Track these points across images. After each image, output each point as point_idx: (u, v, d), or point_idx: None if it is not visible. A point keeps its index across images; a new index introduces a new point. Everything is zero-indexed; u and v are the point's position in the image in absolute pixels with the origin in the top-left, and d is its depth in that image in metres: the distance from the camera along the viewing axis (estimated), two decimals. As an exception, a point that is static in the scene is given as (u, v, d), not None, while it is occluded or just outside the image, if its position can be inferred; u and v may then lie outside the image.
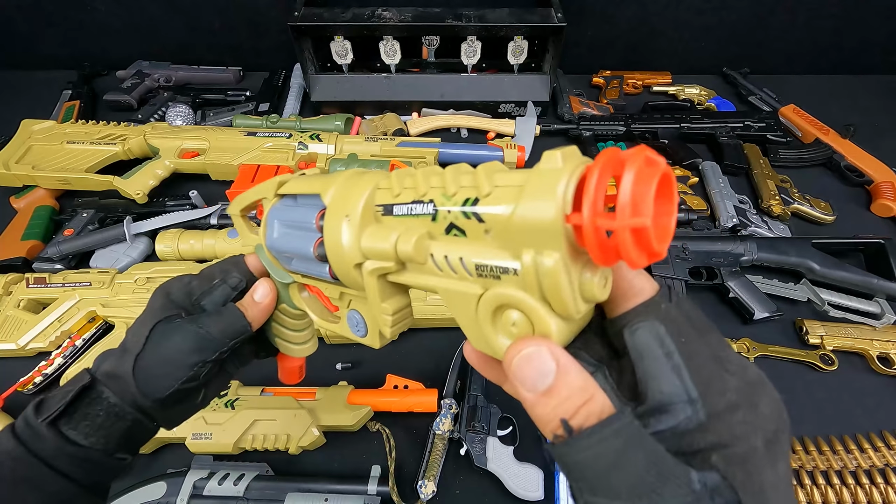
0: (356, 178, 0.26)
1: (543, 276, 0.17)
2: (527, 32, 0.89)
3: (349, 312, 0.30)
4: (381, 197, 0.24)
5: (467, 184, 0.20)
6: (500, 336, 0.20)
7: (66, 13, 1.01)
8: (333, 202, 0.26)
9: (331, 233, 0.25)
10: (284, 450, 0.53)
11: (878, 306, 0.67)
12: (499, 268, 0.19)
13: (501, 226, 0.18)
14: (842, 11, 1.02)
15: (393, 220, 0.23)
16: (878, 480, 0.54)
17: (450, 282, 0.21)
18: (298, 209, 0.29)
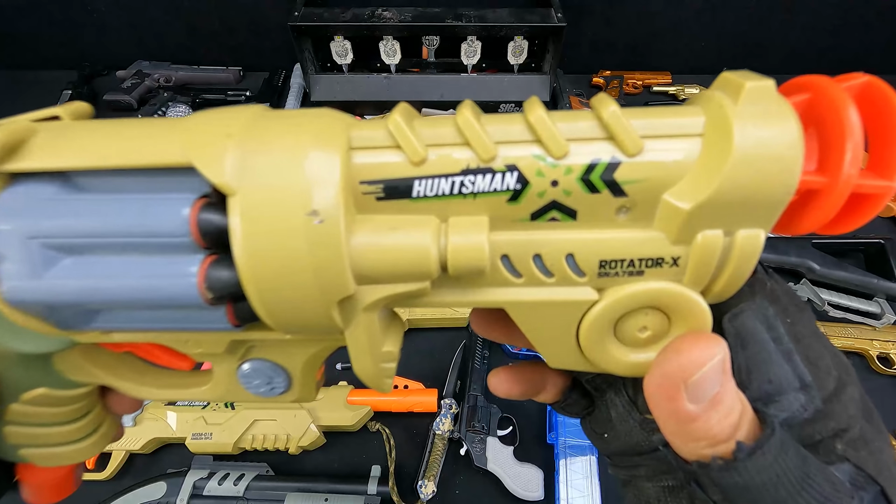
0: (283, 122, 0.14)
1: (735, 259, 0.12)
2: (527, 32, 0.89)
3: (246, 366, 0.18)
4: (369, 167, 0.13)
5: (578, 136, 0.13)
6: (620, 347, 0.15)
7: (66, 13, 1.01)
8: (256, 181, 0.13)
9: (264, 250, 0.13)
10: (284, 450, 0.53)
11: (878, 306, 0.67)
12: (647, 260, 0.13)
13: (656, 193, 0.12)
14: (842, 11, 1.02)
15: (417, 206, 0.13)
16: (878, 480, 0.54)
17: (532, 292, 0.14)
18: (107, 204, 0.14)
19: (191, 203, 0.13)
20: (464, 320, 0.64)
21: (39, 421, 0.20)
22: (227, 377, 0.18)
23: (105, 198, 0.14)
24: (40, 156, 0.14)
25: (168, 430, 0.53)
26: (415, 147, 0.13)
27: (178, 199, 0.13)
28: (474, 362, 0.60)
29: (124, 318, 0.16)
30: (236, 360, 0.18)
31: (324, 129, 0.13)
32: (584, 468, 0.51)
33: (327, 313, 0.14)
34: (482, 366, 0.60)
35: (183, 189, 0.14)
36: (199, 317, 0.15)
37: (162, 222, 0.13)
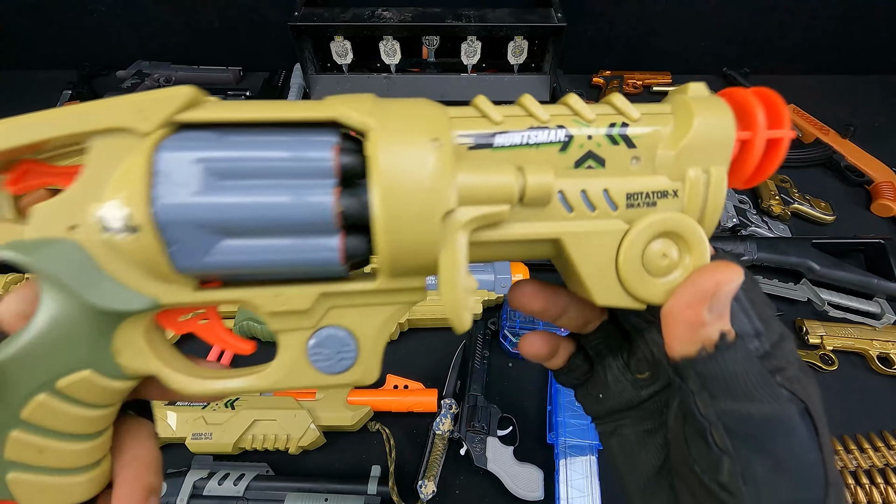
0: (405, 101, 0.19)
1: (713, 188, 0.18)
2: (527, 32, 0.89)
3: (322, 332, 0.19)
4: (464, 122, 0.18)
5: (598, 112, 0.19)
6: (649, 276, 0.19)
7: (66, 13, 1.01)
8: (389, 124, 0.17)
9: (396, 166, 0.16)
10: (284, 450, 0.53)
11: (878, 306, 0.67)
12: (657, 192, 0.18)
13: (653, 148, 0.18)
14: (842, 11, 1.02)
15: (496, 154, 0.18)
16: (879, 480, 0.54)
17: (582, 223, 0.18)
18: (262, 140, 0.17)
19: (333, 142, 0.17)
20: (464, 320, 0.64)
21: (56, 426, 0.18)
22: (294, 352, 0.19)
23: (260, 137, 0.17)
24: (208, 112, 0.17)
25: (168, 430, 0.53)
26: (495, 114, 0.18)
27: (321, 139, 0.17)
28: (474, 362, 0.60)
29: (245, 250, 0.17)
30: (310, 330, 0.19)
31: (430, 101, 0.19)
32: (584, 468, 0.51)
33: (433, 228, 0.17)
34: (482, 366, 0.60)
35: (323, 135, 0.17)
36: (314, 246, 0.17)
37: (309, 150, 0.17)
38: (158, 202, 0.16)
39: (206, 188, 0.16)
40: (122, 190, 0.16)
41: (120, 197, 0.16)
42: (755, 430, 0.18)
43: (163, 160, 0.16)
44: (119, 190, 0.16)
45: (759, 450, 0.18)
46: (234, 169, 0.16)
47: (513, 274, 0.65)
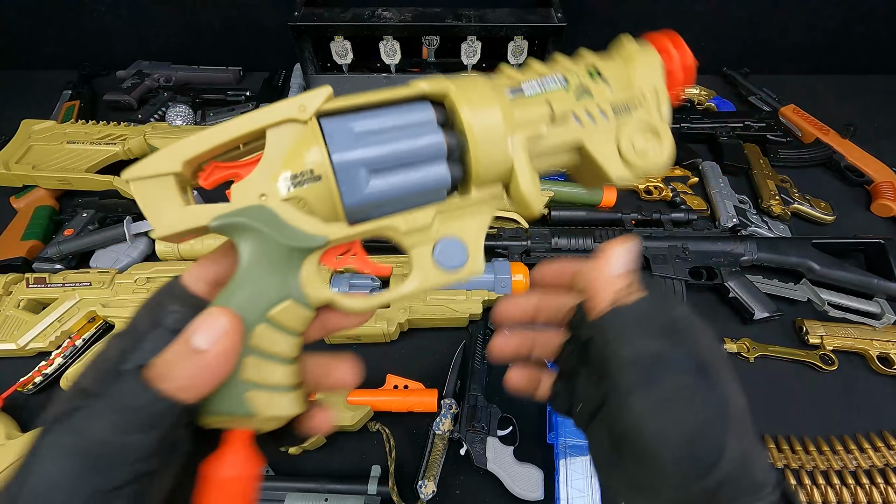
0: (461, 76, 0.26)
1: (658, 90, 0.27)
2: (527, 32, 0.89)
3: (439, 245, 0.26)
4: (503, 84, 0.27)
5: (577, 62, 0.28)
6: (638, 154, 0.28)
7: (66, 13, 1.01)
8: (461, 92, 0.24)
9: (478, 116, 0.24)
10: (284, 450, 0.53)
11: (878, 306, 0.67)
12: (628, 105, 0.27)
13: (618, 79, 0.27)
14: (842, 11, 1.02)
15: (528, 98, 0.26)
16: (878, 480, 0.54)
17: (592, 129, 0.27)
18: (390, 114, 0.24)
19: (428, 105, 0.25)
20: (464, 320, 0.64)
21: (270, 351, 0.24)
22: (425, 259, 0.26)
23: (379, 112, 0.24)
24: (338, 103, 0.24)
25: (168, 430, 0.53)
26: (519, 76, 0.26)
27: (420, 105, 0.25)
28: (474, 362, 0.60)
29: (388, 182, 0.24)
30: (432, 242, 0.26)
31: (477, 73, 0.28)
32: (584, 468, 0.51)
33: (504, 145, 0.24)
34: (482, 366, 0.60)
35: (419, 104, 0.25)
36: (432, 172, 0.24)
37: (416, 112, 0.24)
38: (334, 155, 0.22)
39: (359, 144, 0.23)
40: (298, 158, 0.23)
41: (292, 166, 0.23)
42: (646, 367, 0.21)
43: (328, 130, 0.23)
44: (291, 162, 0.23)
45: (649, 385, 0.21)
46: (374, 130, 0.23)
47: (513, 274, 0.65)
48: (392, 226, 0.25)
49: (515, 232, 0.72)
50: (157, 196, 0.23)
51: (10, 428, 0.55)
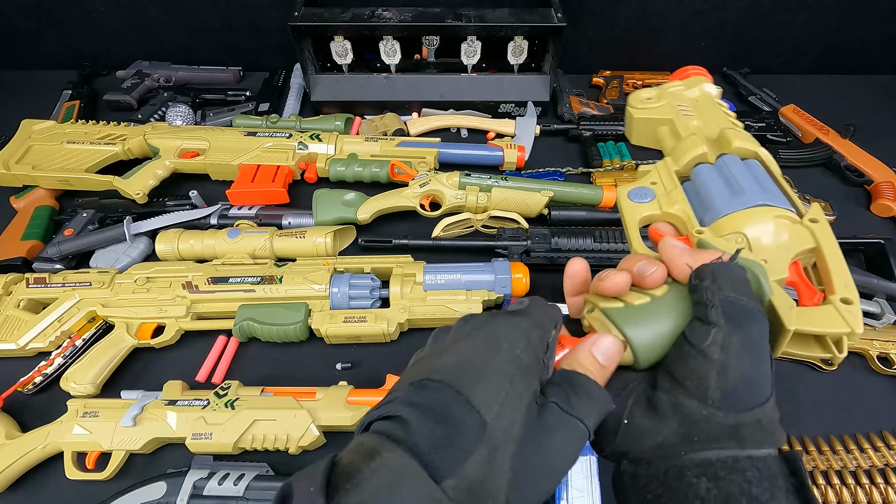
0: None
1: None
2: (527, 32, 0.89)
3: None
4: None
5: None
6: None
7: (66, 13, 1.01)
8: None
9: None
10: (284, 450, 0.53)
11: (878, 306, 0.67)
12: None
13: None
14: (842, 11, 1.02)
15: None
16: (878, 480, 0.54)
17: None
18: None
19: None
20: (464, 320, 0.64)
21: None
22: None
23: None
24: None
25: (168, 430, 0.53)
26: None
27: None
28: (474, 362, 0.60)
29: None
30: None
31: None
32: (584, 468, 0.51)
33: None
34: (482, 366, 0.60)
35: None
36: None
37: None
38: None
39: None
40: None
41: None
42: (740, 314, 0.24)
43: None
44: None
45: (738, 327, 0.24)
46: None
47: (513, 274, 0.65)
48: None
49: (515, 232, 0.72)
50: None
51: (10, 428, 0.55)
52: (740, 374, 0.23)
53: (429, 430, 0.21)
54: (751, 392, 0.24)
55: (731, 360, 0.23)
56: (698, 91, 0.40)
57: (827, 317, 0.26)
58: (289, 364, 0.64)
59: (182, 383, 0.58)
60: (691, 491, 0.23)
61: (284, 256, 0.71)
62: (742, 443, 0.23)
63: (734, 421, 0.23)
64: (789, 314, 0.26)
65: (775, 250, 0.28)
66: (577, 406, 0.24)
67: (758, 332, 0.24)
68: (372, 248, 0.74)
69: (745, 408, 0.23)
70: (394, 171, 0.80)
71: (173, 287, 0.65)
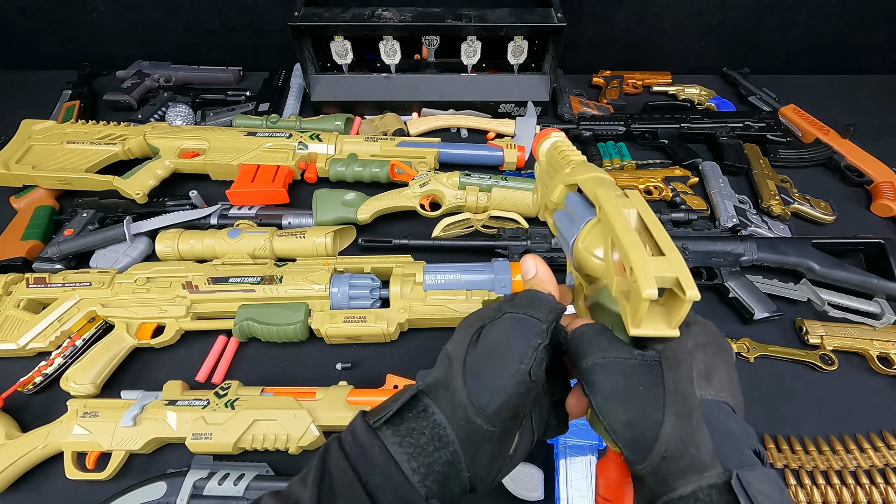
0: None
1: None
2: (527, 32, 0.89)
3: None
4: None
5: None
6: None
7: (66, 13, 1.01)
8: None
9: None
10: (284, 450, 0.53)
11: (878, 306, 0.67)
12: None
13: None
14: (842, 11, 1.02)
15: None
16: (878, 480, 0.54)
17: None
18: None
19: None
20: (464, 320, 0.64)
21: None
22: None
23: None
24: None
25: (168, 430, 0.53)
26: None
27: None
28: (474, 362, 0.60)
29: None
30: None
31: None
32: (584, 468, 0.51)
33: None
34: (482, 366, 0.60)
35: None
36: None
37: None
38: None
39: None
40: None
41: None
42: (591, 374, 0.27)
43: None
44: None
45: (594, 387, 0.26)
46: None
47: (512, 274, 0.65)
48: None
49: (515, 232, 0.72)
50: None
51: (10, 428, 0.55)
52: (620, 424, 0.25)
53: (424, 374, 0.32)
54: (636, 434, 0.25)
55: (607, 417, 0.26)
56: (545, 150, 0.41)
57: (636, 302, 0.25)
58: (289, 364, 0.64)
59: (182, 383, 0.58)
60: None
61: (284, 256, 0.71)
62: (667, 484, 0.23)
63: (650, 466, 0.24)
64: (628, 325, 0.26)
65: (603, 263, 0.29)
66: (521, 304, 0.29)
67: (614, 380, 0.26)
68: (372, 248, 0.74)
69: (644, 451, 0.24)
70: (394, 171, 0.80)
71: (173, 287, 0.65)
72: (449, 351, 0.30)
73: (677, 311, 0.25)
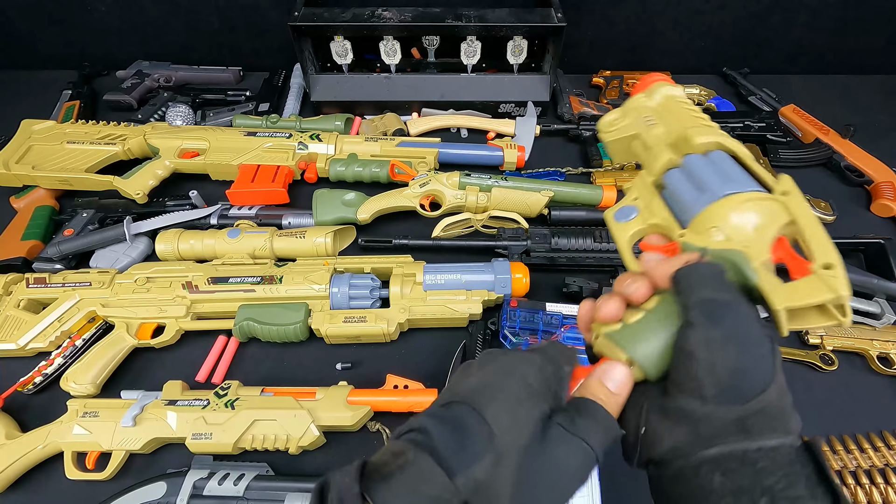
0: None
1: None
2: (527, 32, 0.89)
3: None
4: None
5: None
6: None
7: (66, 13, 1.01)
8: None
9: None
10: (284, 450, 0.53)
11: (878, 306, 0.67)
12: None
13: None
14: (842, 11, 1.02)
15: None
16: (878, 480, 0.54)
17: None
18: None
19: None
20: (464, 320, 0.64)
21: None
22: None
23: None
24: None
25: (168, 430, 0.53)
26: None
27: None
28: (474, 362, 0.60)
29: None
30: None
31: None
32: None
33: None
34: (482, 366, 0.60)
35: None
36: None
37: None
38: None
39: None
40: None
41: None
42: (716, 310, 0.25)
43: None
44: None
45: (718, 323, 0.24)
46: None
47: (513, 274, 0.65)
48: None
49: (515, 232, 0.72)
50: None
51: (10, 428, 0.55)
52: (729, 368, 0.24)
53: (446, 436, 0.24)
54: (745, 382, 0.24)
55: (717, 356, 0.24)
56: (660, 97, 0.39)
57: (812, 287, 0.26)
58: (289, 364, 0.64)
59: (182, 383, 0.58)
60: (706, 486, 0.24)
61: (284, 256, 0.71)
62: (750, 434, 0.24)
63: (736, 414, 0.24)
64: (775, 294, 0.26)
65: (753, 233, 0.28)
66: (581, 427, 0.25)
67: (740, 323, 0.25)
68: (372, 248, 0.74)
69: (743, 399, 0.24)
70: (394, 171, 0.80)
71: (173, 287, 0.65)
72: (497, 440, 0.24)
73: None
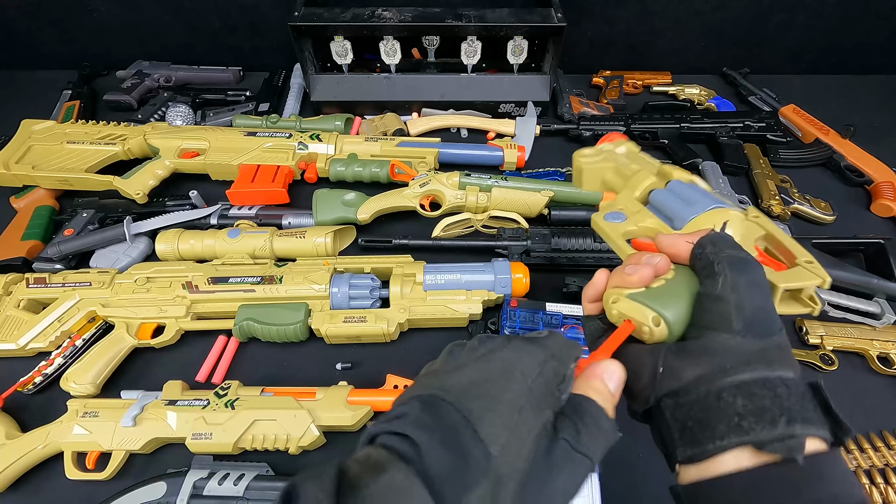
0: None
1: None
2: (527, 32, 0.89)
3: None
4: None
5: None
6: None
7: (66, 13, 1.01)
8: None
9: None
10: (284, 450, 0.53)
11: (878, 306, 0.67)
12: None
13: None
14: (842, 11, 1.02)
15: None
16: (878, 480, 0.54)
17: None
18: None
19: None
20: (464, 320, 0.64)
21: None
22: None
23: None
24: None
25: (168, 430, 0.53)
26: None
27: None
28: (474, 362, 0.60)
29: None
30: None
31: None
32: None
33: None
34: (482, 366, 0.60)
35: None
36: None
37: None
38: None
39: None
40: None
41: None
42: (741, 263, 0.28)
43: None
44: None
45: (742, 272, 0.27)
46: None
47: (513, 274, 0.65)
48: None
49: (515, 232, 0.72)
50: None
51: (10, 428, 0.55)
52: (755, 306, 0.27)
53: (437, 457, 0.22)
54: (767, 320, 0.27)
55: (744, 296, 0.27)
56: (625, 148, 0.46)
57: (802, 274, 0.32)
58: (289, 364, 0.64)
59: (182, 383, 0.58)
60: (730, 409, 0.25)
61: (284, 256, 0.71)
62: (771, 365, 0.26)
63: (760, 346, 0.26)
64: (774, 277, 0.31)
65: (739, 239, 0.32)
66: (587, 442, 0.25)
67: (759, 275, 0.29)
68: (372, 248, 0.74)
69: (765, 334, 0.27)
70: (394, 171, 0.80)
71: (173, 287, 0.65)
72: (497, 463, 0.22)
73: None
